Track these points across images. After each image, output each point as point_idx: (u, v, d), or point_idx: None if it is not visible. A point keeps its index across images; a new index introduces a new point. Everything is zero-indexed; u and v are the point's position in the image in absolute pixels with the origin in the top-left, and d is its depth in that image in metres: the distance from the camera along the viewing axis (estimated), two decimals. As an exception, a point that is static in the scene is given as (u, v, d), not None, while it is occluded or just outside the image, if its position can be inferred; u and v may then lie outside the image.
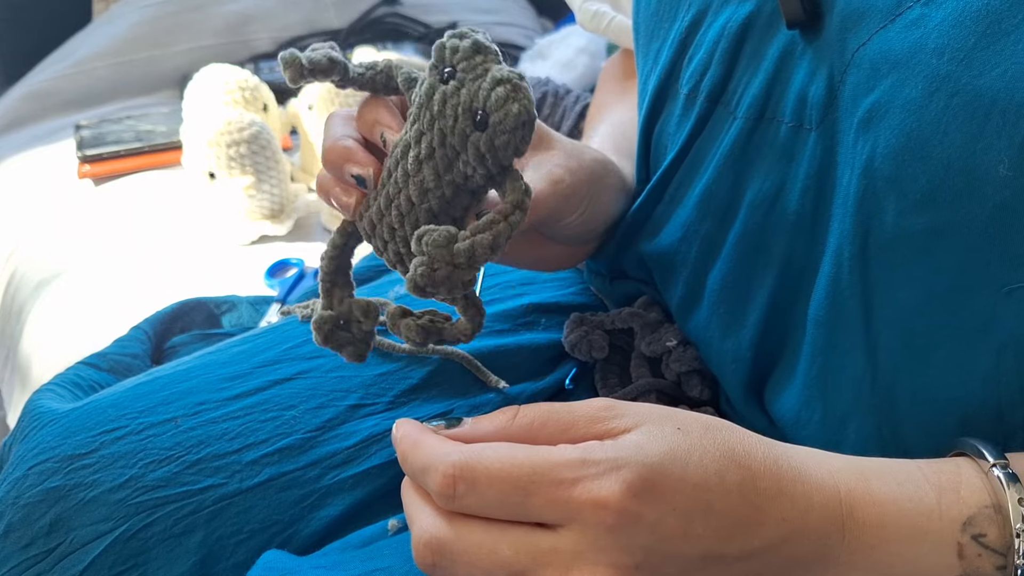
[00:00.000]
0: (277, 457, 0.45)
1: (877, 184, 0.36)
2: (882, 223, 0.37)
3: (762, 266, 0.43)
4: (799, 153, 0.41)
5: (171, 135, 1.04)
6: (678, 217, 0.48)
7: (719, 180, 0.45)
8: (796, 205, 0.41)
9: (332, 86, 0.95)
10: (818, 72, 0.40)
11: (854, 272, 0.38)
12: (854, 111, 0.38)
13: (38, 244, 0.98)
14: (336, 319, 0.42)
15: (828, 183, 0.40)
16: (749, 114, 0.43)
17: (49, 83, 1.24)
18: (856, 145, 0.37)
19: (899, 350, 0.38)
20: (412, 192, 0.38)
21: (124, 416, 0.46)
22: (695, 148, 0.47)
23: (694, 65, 0.46)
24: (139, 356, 0.66)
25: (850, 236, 0.38)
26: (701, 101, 0.46)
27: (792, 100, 0.41)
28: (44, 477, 0.44)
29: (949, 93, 0.34)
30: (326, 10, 1.33)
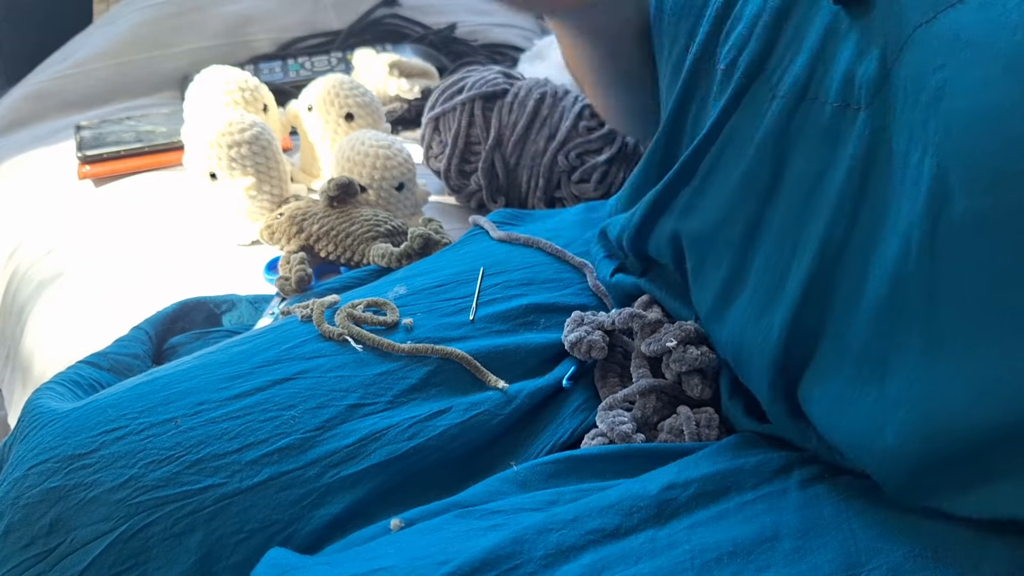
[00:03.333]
0: (277, 457, 0.45)
1: (951, 163, 0.36)
2: (954, 203, 0.36)
3: (801, 248, 0.43)
4: (845, 133, 0.41)
5: (172, 136, 1.04)
6: (718, 197, 0.47)
7: (761, 161, 0.44)
8: (840, 186, 0.41)
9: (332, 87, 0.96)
10: (868, 51, 0.39)
11: (923, 254, 0.37)
12: (919, 90, 0.37)
13: (39, 244, 0.98)
14: None
15: (877, 163, 0.39)
16: (791, 93, 0.43)
17: (49, 84, 1.24)
18: (927, 124, 0.37)
19: (961, 338, 0.37)
20: None
21: (124, 416, 0.46)
22: (731, 126, 0.46)
23: (732, 39, 0.45)
24: (140, 356, 0.66)
25: (921, 216, 0.37)
26: (738, 76, 0.45)
27: (838, 80, 0.41)
28: (44, 477, 0.44)
29: None
30: (326, 11, 1.33)
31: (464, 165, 0.91)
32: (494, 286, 0.58)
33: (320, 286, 0.72)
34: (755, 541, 0.40)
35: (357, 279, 0.68)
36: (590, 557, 0.37)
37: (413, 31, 1.33)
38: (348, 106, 0.95)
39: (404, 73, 1.15)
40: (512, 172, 0.89)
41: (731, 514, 0.41)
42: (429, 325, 0.54)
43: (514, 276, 0.59)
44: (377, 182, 0.86)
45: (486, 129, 0.88)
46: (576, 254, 0.62)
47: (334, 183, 0.80)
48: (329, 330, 0.52)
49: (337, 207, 0.81)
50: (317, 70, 1.20)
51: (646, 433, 0.49)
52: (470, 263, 0.60)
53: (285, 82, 1.18)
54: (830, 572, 0.38)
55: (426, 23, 1.33)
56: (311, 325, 0.53)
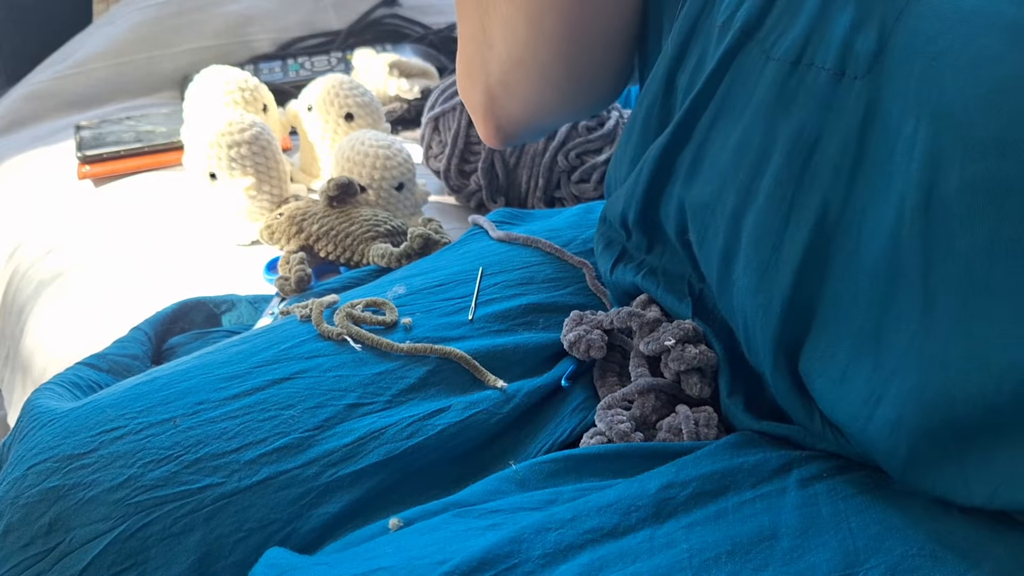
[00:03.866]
0: (275, 456, 0.45)
1: (945, 133, 0.36)
2: (949, 172, 0.36)
3: (795, 217, 0.42)
4: (841, 102, 0.40)
5: (171, 136, 1.04)
6: (716, 164, 0.47)
7: (754, 127, 0.44)
8: (836, 156, 0.40)
9: (332, 87, 0.96)
10: (868, 19, 0.39)
11: (916, 222, 0.37)
12: (913, 60, 0.37)
13: (39, 244, 0.98)
14: None
15: (873, 132, 0.39)
16: (786, 57, 0.42)
17: (49, 84, 1.24)
18: (920, 93, 0.37)
19: (956, 304, 0.37)
20: None
21: (123, 416, 0.47)
22: (725, 86, 0.46)
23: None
24: (139, 357, 0.66)
25: (915, 186, 0.37)
26: (733, 33, 0.45)
27: (835, 46, 0.40)
28: (43, 477, 0.44)
29: None
30: (325, 11, 1.33)
31: (464, 165, 0.91)
32: (493, 286, 0.58)
33: (319, 286, 0.72)
34: (753, 540, 0.40)
35: (356, 279, 0.68)
36: (588, 556, 0.37)
37: (413, 31, 1.33)
38: (348, 106, 0.95)
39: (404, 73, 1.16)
40: (512, 172, 0.89)
41: (729, 513, 0.41)
42: (428, 325, 0.54)
43: (513, 276, 0.59)
44: (377, 182, 0.86)
45: (486, 129, 0.88)
46: (575, 254, 0.62)
47: (334, 183, 0.81)
48: (328, 330, 0.52)
49: (337, 207, 0.81)
50: (317, 70, 1.20)
51: (645, 432, 0.49)
52: (469, 263, 0.60)
53: (285, 82, 1.18)
54: (828, 571, 0.38)
55: (426, 23, 1.33)
56: (310, 325, 0.53)
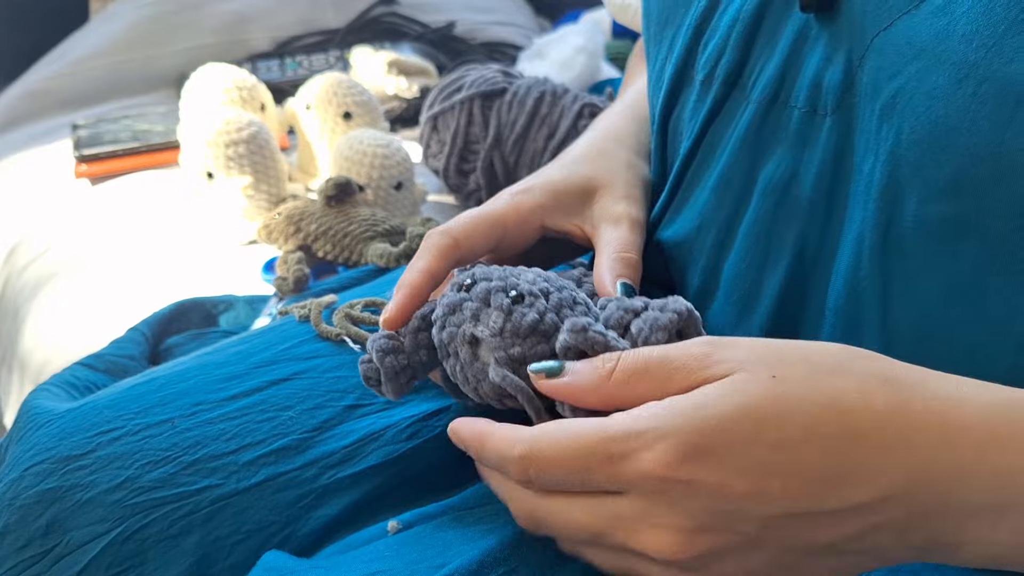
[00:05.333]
0: (274, 458, 0.45)
1: (901, 172, 0.36)
2: (904, 212, 0.36)
3: (774, 255, 0.43)
4: (813, 139, 0.41)
5: (168, 135, 1.04)
6: (695, 204, 0.48)
7: (733, 165, 0.45)
8: (810, 192, 0.41)
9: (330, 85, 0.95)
10: (835, 57, 0.40)
11: (874, 261, 0.38)
12: (875, 97, 0.37)
13: (35, 243, 0.98)
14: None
15: (844, 170, 0.40)
16: (762, 98, 0.43)
17: (46, 82, 1.24)
18: (880, 132, 0.37)
19: (915, 343, 0.37)
20: None
21: (121, 417, 0.46)
22: (710, 133, 0.46)
23: (710, 50, 0.46)
24: (136, 358, 0.66)
25: (872, 224, 0.38)
26: (717, 86, 0.45)
27: (806, 85, 0.41)
28: (40, 478, 0.44)
29: (978, 80, 0.33)
30: (324, 10, 1.33)
31: (463, 164, 0.91)
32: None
33: (318, 286, 0.72)
34: None
35: (355, 279, 0.68)
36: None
37: (411, 29, 1.33)
38: (346, 105, 0.95)
39: (403, 71, 1.15)
40: (511, 171, 0.89)
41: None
42: (427, 325, 0.53)
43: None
44: (375, 181, 0.86)
45: (485, 128, 0.88)
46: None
47: (332, 182, 0.80)
48: (327, 330, 0.52)
49: (335, 206, 0.81)
50: (315, 68, 1.20)
51: None
52: (468, 262, 0.60)
53: (283, 81, 1.17)
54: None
55: (424, 21, 1.33)
56: (309, 325, 0.53)
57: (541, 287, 0.40)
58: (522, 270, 0.42)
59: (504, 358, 0.39)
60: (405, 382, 0.43)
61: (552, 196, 0.50)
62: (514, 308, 0.39)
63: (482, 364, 0.40)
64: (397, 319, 0.43)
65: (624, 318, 0.39)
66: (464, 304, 0.40)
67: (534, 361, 0.38)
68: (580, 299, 0.41)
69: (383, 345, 0.43)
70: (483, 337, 0.39)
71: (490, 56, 1.28)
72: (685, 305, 0.38)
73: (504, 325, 0.39)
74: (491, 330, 0.39)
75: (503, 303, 0.39)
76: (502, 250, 0.50)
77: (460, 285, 0.41)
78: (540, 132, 0.87)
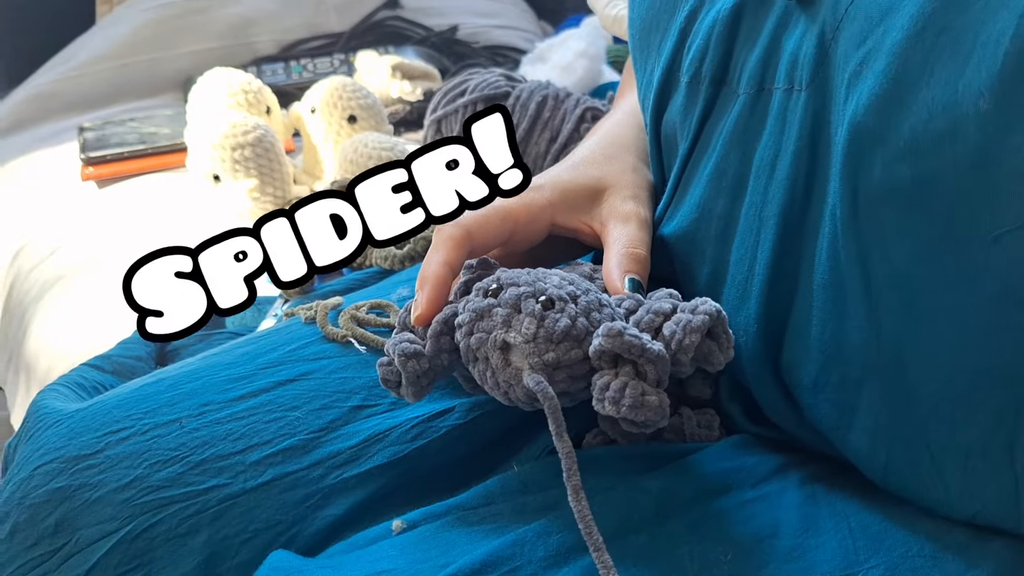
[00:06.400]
0: (281, 457, 0.45)
1: (863, 137, 0.36)
2: (870, 177, 0.36)
3: (763, 237, 0.43)
4: (791, 116, 0.41)
5: (175, 137, 1.05)
6: (692, 198, 0.48)
7: (727, 157, 0.45)
8: (789, 169, 0.41)
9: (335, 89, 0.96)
10: (810, 31, 0.40)
11: (848, 232, 0.38)
12: (845, 67, 0.38)
13: (42, 246, 0.98)
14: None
15: (821, 144, 0.40)
16: (749, 88, 0.43)
17: (52, 85, 1.24)
18: (846, 101, 0.37)
19: (899, 309, 0.37)
20: None
21: (129, 417, 0.47)
22: (705, 132, 0.47)
23: (692, 52, 0.46)
24: (143, 358, 0.66)
25: (840, 195, 0.38)
26: (706, 86, 0.46)
27: (785, 65, 0.41)
28: (49, 478, 0.45)
29: (936, 31, 0.34)
30: (327, 14, 1.33)
31: (466, 167, 0.91)
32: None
33: (324, 287, 0.72)
34: (754, 539, 0.40)
35: (361, 281, 0.68)
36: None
37: (415, 33, 1.33)
38: (351, 108, 0.95)
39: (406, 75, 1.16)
40: (514, 174, 0.89)
41: (731, 513, 0.42)
42: (431, 327, 0.54)
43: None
44: (379, 184, 0.86)
45: (488, 131, 0.88)
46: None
47: (337, 185, 0.81)
48: (333, 332, 0.53)
49: (340, 209, 0.81)
50: (320, 72, 1.20)
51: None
52: (472, 265, 0.60)
53: (288, 84, 1.18)
54: (828, 571, 0.38)
55: (428, 25, 1.34)
56: (315, 327, 0.54)
57: (568, 291, 0.41)
58: (546, 273, 0.43)
59: (539, 363, 0.39)
60: (426, 385, 0.43)
61: (562, 194, 0.51)
62: (546, 314, 0.39)
63: (515, 370, 0.40)
64: (429, 315, 0.43)
65: (655, 321, 0.39)
66: (493, 310, 0.40)
67: (568, 365, 0.39)
68: (605, 300, 0.42)
69: (405, 349, 0.42)
70: (515, 343, 0.40)
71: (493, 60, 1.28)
72: (715, 306, 0.39)
73: (537, 331, 0.39)
74: (524, 336, 0.39)
75: (534, 309, 0.40)
76: (512, 245, 0.50)
77: (486, 290, 0.42)
78: (543, 136, 0.87)
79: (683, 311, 0.39)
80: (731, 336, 0.41)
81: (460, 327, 0.42)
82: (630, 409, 0.38)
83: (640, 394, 0.38)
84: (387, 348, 0.44)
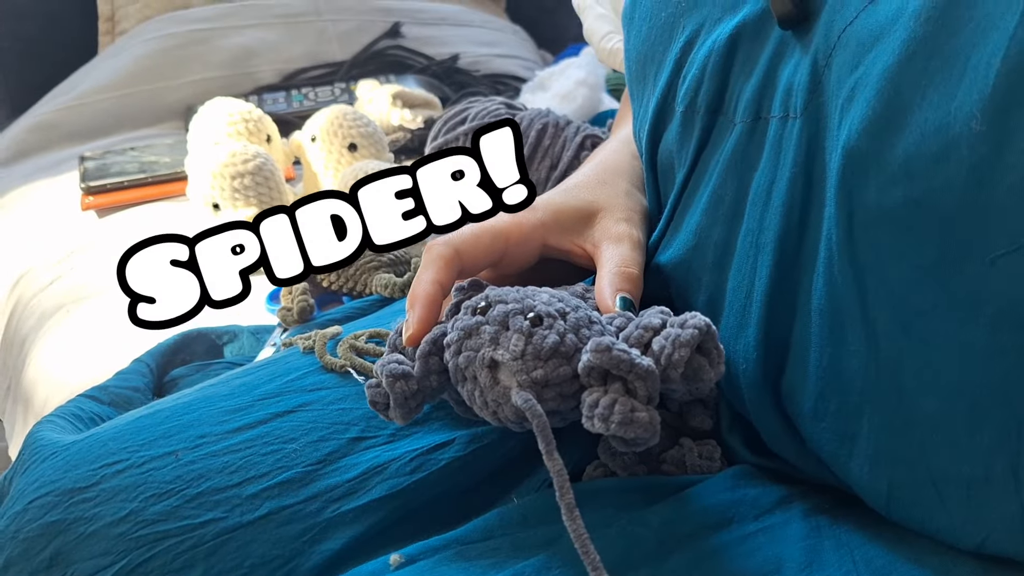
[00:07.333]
0: (278, 491, 0.45)
1: (856, 161, 0.36)
2: (864, 201, 0.36)
3: (761, 262, 0.43)
4: (786, 143, 0.41)
5: (175, 166, 1.05)
6: (688, 226, 0.48)
7: (724, 185, 0.45)
8: (785, 196, 0.41)
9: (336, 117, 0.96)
10: (805, 58, 0.40)
11: (844, 256, 0.38)
12: (839, 93, 0.38)
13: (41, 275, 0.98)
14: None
15: (816, 171, 0.40)
16: (746, 117, 0.44)
17: (54, 115, 1.25)
18: (840, 126, 0.37)
19: (897, 333, 0.37)
20: None
21: (125, 449, 0.46)
22: (701, 160, 0.47)
23: (688, 82, 0.47)
24: (140, 389, 0.66)
25: (835, 219, 0.38)
26: (701, 115, 0.46)
27: (780, 93, 0.41)
28: (44, 511, 0.44)
29: (927, 55, 0.34)
30: (329, 43, 1.34)
31: (466, 195, 0.91)
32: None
33: (322, 316, 0.72)
34: (758, 574, 0.39)
35: (360, 309, 0.68)
36: None
37: (416, 62, 1.34)
38: (352, 136, 0.96)
39: (407, 103, 1.16)
40: (514, 202, 0.89)
41: (733, 546, 0.41)
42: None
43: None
44: (379, 212, 0.86)
45: (488, 159, 0.89)
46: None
47: (336, 214, 0.81)
48: (331, 362, 0.52)
49: (339, 237, 0.81)
50: (321, 100, 1.21)
51: (648, 464, 0.49)
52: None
53: (289, 112, 1.19)
54: None
55: (429, 54, 1.35)
56: (313, 357, 0.53)
57: (557, 307, 0.40)
58: (535, 290, 0.42)
59: (527, 381, 0.39)
60: (415, 407, 0.43)
61: (554, 215, 0.51)
62: (534, 331, 0.39)
63: (503, 388, 0.40)
64: (419, 335, 0.43)
65: (644, 336, 0.39)
66: (482, 328, 0.40)
67: (557, 383, 0.38)
68: (595, 318, 0.41)
69: (393, 370, 0.42)
70: (503, 361, 0.39)
71: (493, 88, 1.29)
72: (704, 320, 0.38)
73: (525, 348, 0.39)
74: (512, 353, 0.39)
75: (522, 326, 0.39)
76: (503, 267, 0.50)
77: (474, 308, 0.41)
78: (543, 163, 0.87)
79: (672, 325, 0.39)
80: (722, 351, 0.40)
81: (448, 346, 0.41)
82: (619, 426, 0.37)
83: (629, 410, 0.37)
84: (376, 369, 0.43)
